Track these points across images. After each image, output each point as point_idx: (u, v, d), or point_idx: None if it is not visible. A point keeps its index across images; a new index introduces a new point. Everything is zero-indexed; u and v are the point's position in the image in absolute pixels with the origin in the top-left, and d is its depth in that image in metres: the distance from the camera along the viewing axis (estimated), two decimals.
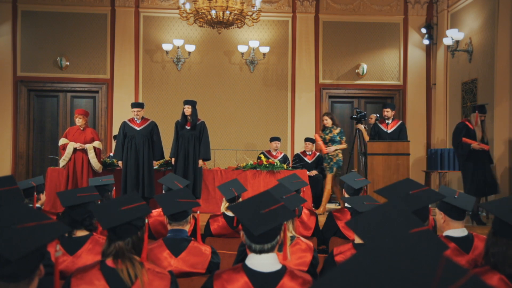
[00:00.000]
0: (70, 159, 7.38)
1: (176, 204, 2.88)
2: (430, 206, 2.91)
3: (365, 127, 8.94)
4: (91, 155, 7.41)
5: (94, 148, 7.48)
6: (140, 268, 2.12)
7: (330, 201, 10.46)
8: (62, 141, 7.53)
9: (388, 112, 8.14)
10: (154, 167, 7.81)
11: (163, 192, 4.67)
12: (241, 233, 2.12)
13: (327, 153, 8.04)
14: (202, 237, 3.99)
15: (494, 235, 2.14)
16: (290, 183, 4.40)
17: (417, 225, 1.51)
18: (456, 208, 2.91)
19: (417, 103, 10.61)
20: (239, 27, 8.64)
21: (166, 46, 10.01)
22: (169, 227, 2.95)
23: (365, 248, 0.76)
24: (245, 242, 2.08)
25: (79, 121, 7.53)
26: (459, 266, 0.72)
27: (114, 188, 5.16)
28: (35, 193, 4.20)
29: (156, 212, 4.35)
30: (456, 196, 2.96)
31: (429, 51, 10.62)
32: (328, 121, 8.14)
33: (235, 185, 4.34)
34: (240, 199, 4.39)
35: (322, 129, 8.33)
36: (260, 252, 2.03)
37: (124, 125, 7.68)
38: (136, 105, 7.71)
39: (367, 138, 8.53)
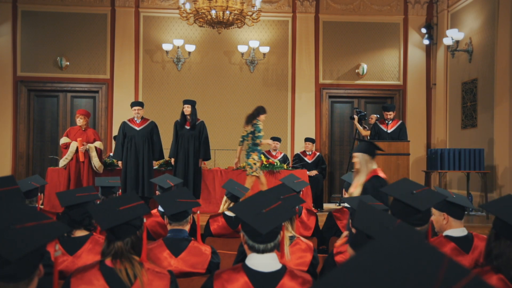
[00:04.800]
0: (71, 158, 7.37)
1: (177, 204, 2.88)
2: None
3: (365, 127, 8.94)
4: (93, 155, 7.42)
5: (96, 148, 7.48)
6: (139, 268, 2.11)
7: (330, 201, 10.49)
8: (63, 140, 7.51)
9: (390, 115, 8.18)
10: (154, 167, 7.81)
11: (157, 192, 4.72)
12: (241, 234, 2.11)
13: None
14: (202, 237, 3.99)
15: (497, 236, 2.12)
16: (292, 183, 4.42)
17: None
18: (458, 207, 2.91)
19: (417, 103, 10.60)
20: (239, 27, 8.63)
21: (166, 46, 10.01)
22: (169, 227, 2.95)
23: (366, 248, 0.76)
24: (246, 243, 2.07)
25: (80, 121, 7.52)
26: (461, 266, 0.72)
27: (120, 190, 5.18)
28: (39, 194, 4.21)
29: (154, 212, 4.35)
30: (454, 196, 2.96)
31: (429, 51, 10.62)
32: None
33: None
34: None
35: None
36: (263, 251, 2.03)
37: (123, 125, 7.68)
38: (136, 104, 7.72)
39: (363, 133, 8.54)
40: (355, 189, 4.05)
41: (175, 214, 2.88)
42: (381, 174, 4.12)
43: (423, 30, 10.42)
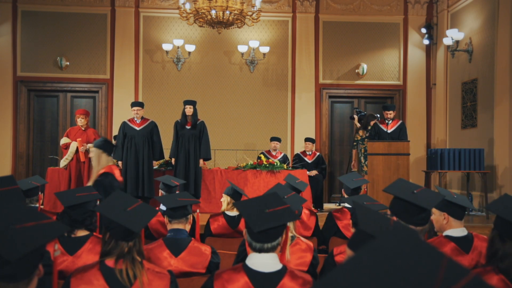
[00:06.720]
0: (72, 159, 7.37)
1: (177, 201, 2.91)
2: None
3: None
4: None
5: None
6: (140, 268, 2.11)
7: (329, 201, 10.49)
8: (64, 140, 7.51)
9: (391, 114, 8.19)
10: (154, 167, 7.82)
11: (160, 192, 4.71)
12: (244, 230, 2.11)
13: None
14: (202, 237, 3.99)
15: (502, 237, 2.09)
16: (293, 182, 4.43)
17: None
18: (459, 207, 2.90)
19: (417, 103, 10.60)
20: (239, 27, 8.63)
21: (166, 46, 10.01)
22: (169, 226, 2.95)
23: (366, 248, 0.76)
24: (247, 239, 2.08)
25: (81, 121, 7.51)
26: (461, 266, 0.72)
27: None
28: (40, 193, 4.21)
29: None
30: (455, 196, 2.95)
31: (429, 51, 10.62)
32: None
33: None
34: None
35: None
36: (259, 251, 2.03)
37: (124, 125, 7.69)
38: (136, 104, 7.72)
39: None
40: (90, 183, 4.18)
41: (175, 208, 2.89)
42: (116, 172, 4.20)
43: (423, 30, 10.41)
